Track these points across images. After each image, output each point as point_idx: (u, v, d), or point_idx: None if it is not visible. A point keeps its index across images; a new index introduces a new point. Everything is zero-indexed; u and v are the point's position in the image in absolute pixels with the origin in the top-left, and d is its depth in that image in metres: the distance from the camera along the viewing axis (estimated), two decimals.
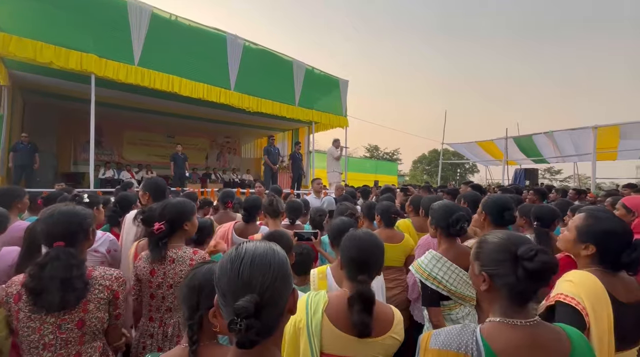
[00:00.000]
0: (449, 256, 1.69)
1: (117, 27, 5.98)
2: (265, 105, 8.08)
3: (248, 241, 0.72)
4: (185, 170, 9.04)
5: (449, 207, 1.75)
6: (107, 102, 8.11)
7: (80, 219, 1.32)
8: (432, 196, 2.72)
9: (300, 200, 3.22)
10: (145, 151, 12.51)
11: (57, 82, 6.80)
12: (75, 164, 10.73)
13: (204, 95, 7.06)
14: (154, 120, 10.76)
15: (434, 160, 34.19)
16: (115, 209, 2.39)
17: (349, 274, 1.21)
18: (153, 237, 1.58)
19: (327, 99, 9.76)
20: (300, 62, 8.84)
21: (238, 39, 7.58)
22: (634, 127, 9.21)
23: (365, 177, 15.75)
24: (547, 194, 4.87)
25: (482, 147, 13.88)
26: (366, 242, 1.24)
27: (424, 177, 36.93)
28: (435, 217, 1.77)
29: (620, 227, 1.31)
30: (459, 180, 34.85)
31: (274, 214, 2.38)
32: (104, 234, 2.03)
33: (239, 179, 12.83)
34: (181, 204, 1.70)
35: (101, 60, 5.76)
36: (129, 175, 10.11)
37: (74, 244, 1.29)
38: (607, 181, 15.12)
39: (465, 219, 1.70)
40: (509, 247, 0.87)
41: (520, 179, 13.06)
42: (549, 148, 12.13)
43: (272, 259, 0.67)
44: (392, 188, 5.33)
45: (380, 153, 38.90)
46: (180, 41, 6.76)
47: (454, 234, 1.71)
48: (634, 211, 1.98)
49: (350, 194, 4.42)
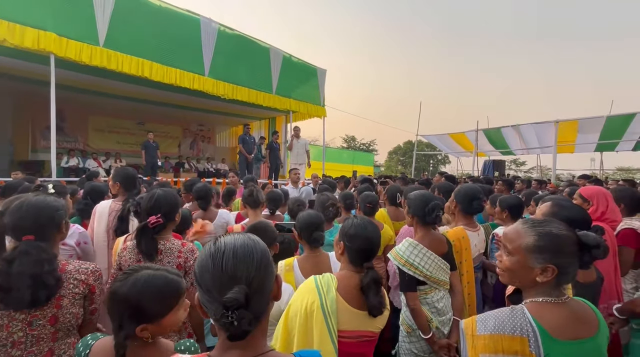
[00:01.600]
0: (425, 243, 1.76)
1: (79, 4, 5.55)
2: (241, 92, 7.88)
3: (226, 233, 0.72)
4: (157, 159, 8.70)
5: (425, 196, 1.82)
6: (70, 85, 7.58)
7: (52, 211, 1.25)
8: (413, 186, 2.80)
9: (279, 190, 3.21)
10: (114, 138, 11.87)
11: (12, 62, 6.25)
12: (34, 151, 9.98)
13: (177, 80, 6.76)
14: (122, 106, 10.19)
15: (409, 152, 35.02)
16: (87, 201, 2.27)
17: (354, 261, 1.29)
18: (147, 231, 1.51)
19: (305, 88, 9.66)
20: (277, 49, 8.66)
21: (212, 22, 7.29)
22: (590, 123, 9.89)
23: (342, 168, 15.88)
24: (514, 185, 5.17)
25: (454, 139, 14.34)
26: (372, 232, 1.31)
27: (398, 168, 37.80)
28: (412, 206, 1.83)
29: (581, 214, 1.45)
30: (431, 170, 36.02)
31: (255, 205, 2.37)
32: (72, 225, 1.92)
33: (214, 168, 12.53)
34: (173, 196, 1.66)
35: (61, 39, 5.34)
36: (95, 164, 9.58)
37: (45, 237, 1.22)
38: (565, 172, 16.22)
39: (440, 208, 1.78)
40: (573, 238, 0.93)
41: (489, 169, 13.67)
42: (515, 140, 12.77)
43: (253, 248, 0.68)
44: (370, 178, 5.45)
45: (357, 144, 39.26)
46: (150, 22, 6.39)
47: (429, 222, 1.79)
48: (589, 200, 2.15)
49: (330, 184, 4.45)
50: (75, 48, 5.47)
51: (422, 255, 1.72)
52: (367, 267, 1.25)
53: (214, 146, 14.61)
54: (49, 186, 1.88)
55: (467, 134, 13.23)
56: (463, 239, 2.04)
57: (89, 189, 2.37)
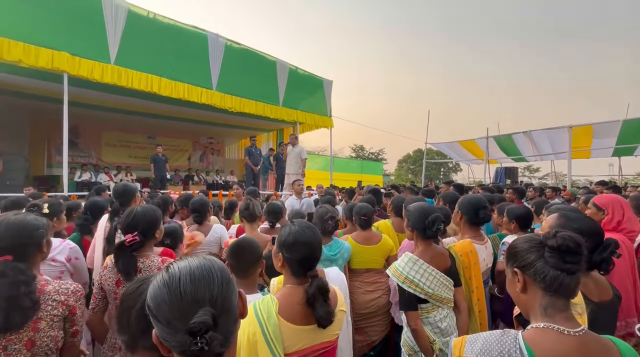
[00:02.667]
0: (426, 258, 1.67)
1: (91, 24, 5.75)
2: (249, 105, 7.97)
3: (179, 259, 0.66)
4: (166, 172, 8.80)
5: (424, 209, 1.73)
6: (83, 102, 7.82)
7: (31, 231, 1.22)
8: (415, 198, 2.70)
9: (279, 202, 3.16)
10: (125, 153, 12.13)
11: (28, 81, 6.50)
12: (49, 166, 10.27)
13: (185, 95, 6.88)
14: (133, 120, 10.44)
15: (419, 160, 34.66)
16: (87, 216, 2.27)
17: (296, 272, 1.20)
18: (123, 249, 1.47)
19: (312, 99, 9.71)
20: (283, 62, 8.77)
21: (219, 37, 7.44)
22: (605, 127, 9.57)
23: (351, 177, 15.81)
24: (525, 192, 4.97)
25: (464, 146, 14.13)
26: (312, 237, 1.22)
27: (408, 177, 37.37)
28: (411, 219, 1.75)
29: (591, 226, 1.33)
30: (442, 179, 35.47)
31: (251, 218, 2.31)
32: (62, 241, 1.91)
33: (223, 180, 12.62)
34: (151, 212, 1.62)
35: (74, 59, 5.52)
36: (107, 178, 9.77)
37: (24, 257, 1.18)
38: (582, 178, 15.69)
39: (441, 220, 1.68)
40: (533, 238, 0.90)
41: (501, 177, 13.38)
42: (527, 147, 12.47)
43: (211, 267, 0.63)
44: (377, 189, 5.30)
45: (365, 153, 39.13)
46: (159, 40, 6.57)
47: (430, 236, 1.69)
48: (603, 208, 2.02)
49: (331, 195, 4.38)
50: (88, 66, 5.65)
51: (423, 271, 1.63)
52: (311, 276, 1.16)
53: (223, 158, 14.76)
54: (44, 205, 1.87)
55: (478, 141, 13.01)
56: (471, 253, 1.93)
57: (88, 204, 2.37)
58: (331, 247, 2.14)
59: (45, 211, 1.84)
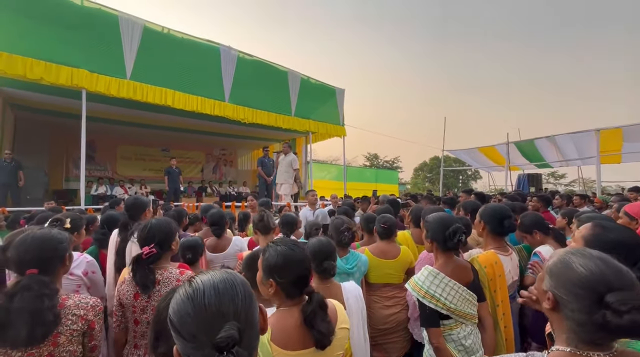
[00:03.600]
0: (447, 271, 1.63)
1: (109, 42, 6.04)
2: (261, 116, 8.12)
3: (201, 272, 0.68)
4: (179, 184, 9.00)
5: (444, 219, 1.70)
6: (100, 117, 8.15)
7: (55, 244, 1.27)
8: (432, 207, 2.66)
9: (293, 213, 3.17)
10: (140, 166, 12.51)
11: (48, 98, 6.84)
12: (67, 180, 10.70)
13: (198, 107, 7.09)
14: (148, 134, 10.79)
15: (436, 168, 34.20)
16: (104, 230, 2.34)
17: (292, 294, 1.13)
18: (141, 262, 1.51)
19: (324, 109, 9.81)
20: (295, 72, 8.92)
21: (232, 50, 7.67)
22: (636, 130, 9.21)
23: (365, 187, 15.72)
24: (551, 200, 4.81)
25: (484, 153, 13.85)
26: (300, 253, 1.16)
27: (425, 185, 36.86)
28: (430, 230, 1.72)
29: (631, 237, 1.23)
30: (461, 187, 34.80)
31: (265, 230, 2.33)
32: (79, 255, 1.97)
33: (236, 191, 12.78)
34: (167, 224, 1.66)
35: (92, 75, 5.79)
36: (122, 191, 10.07)
37: (49, 271, 1.24)
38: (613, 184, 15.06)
39: (462, 231, 1.65)
40: (596, 287, 0.71)
41: (524, 184, 13.00)
42: (551, 152, 12.11)
43: (233, 281, 0.64)
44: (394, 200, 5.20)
45: (380, 161, 38.94)
46: (173, 54, 6.82)
47: (451, 248, 1.66)
48: (637, 218, 1.93)
49: (349, 205, 4.35)
50: (105, 82, 5.91)
51: (444, 285, 1.59)
52: (308, 293, 1.11)
53: (236, 169, 15.00)
54: (66, 219, 1.95)
55: (498, 148, 12.73)
56: (496, 265, 1.87)
57: (104, 218, 2.45)
58: (348, 260, 2.12)
59: (67, 226, 1.91)
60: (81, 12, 5.74)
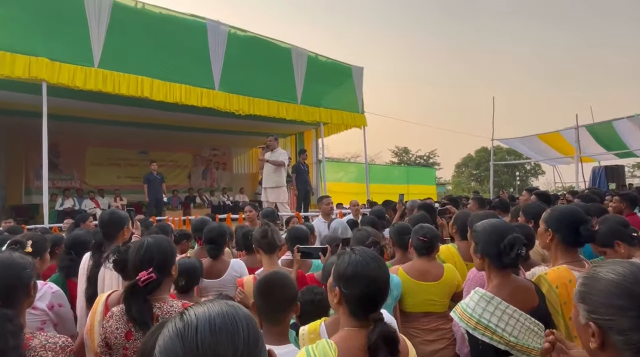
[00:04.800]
0: (503, 294, 1.60)
1: (72, 23, 6.24)
2: (259, 106, 8.20)
3: (196, 303, 0.69)
4: (162, 194, 9.18)
5: (497, 227, 1.67)
6: (64, 115, 8.40)
7: (19, 271, 1.31)
8: (484, 213, 2.62)
9: (304, 226, 3.18)
10: (113, 172, 12.80)
11: (3, 94, 7.10)
12: (27, 193, 11.04)
13: (182, 98, 7.22)
14: (122, 133, 11.05)
15: (484, 163, 33.70)
16: (71, 256, 2.40)
17: (356, 313, 1.21)
18: (137, 291, 1.51)
19: (338, 93, 9.83)
20: (300, 49, 8.98)
21: (221, 25, 7.78)
22: None
23: (393, 189, 15.58)
24: (638, 200, 4.67)
25: (546, 141, 13.63)
26: (376, 269, 1.22)
27: (471, 185, 36.38)
28: (480, 242, 1.69)
29: None
30: (518, 186, 34.21)
31: (270, 249, 2.34)
32: (43, 284, 2.01)
33: (231, 201, 12.93)
34: (166, 243, 1.68)
35: (53, 64, 5.99)
36: (92, 205, 10.35)
37: (12, 303, 1.28)
38: None
39: (522, 242, 1.62)
40: (633, 289, 0.76)
41: (601, 179, 12.75)
42: (636, 137, 11.78)
43: (235, 316, 0.64)
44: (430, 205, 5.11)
45: (411, 157, 38.69)
46: (149, 34, 6.98)
47: (508, 265, 1.63)
48: None
49: (377, 214, 4.32)
50: (68, 72, 6.10)
51: (501, 312, 1.56)
52: (374, 320, 1.16)
53: (231, 173, 15.18)
54: (27, 242, 2.01)
55: (564, 134, 12.52)
56: (570, 284, 1.82)
57: (70, 241, 2.51)
58: None
59: (28, 249, 1.98)
60: None
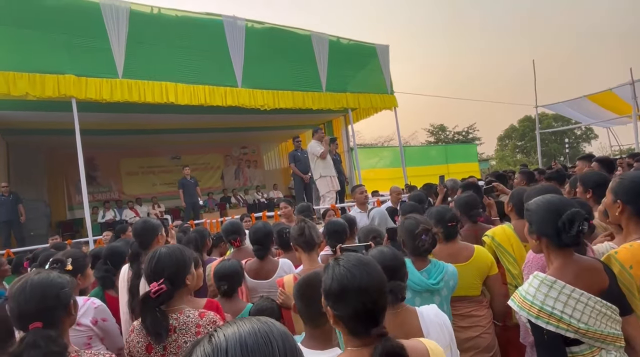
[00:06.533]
0: (567, 277, 1.49)
1: (93, 37, 6.46)
2: (284, 98, 8.20)
3: (225, 324, 0.65)
4: (198, 198, 9.44)
5: (552, 203, 1.57)
6: (96, 129, 8.80)
7: (57, 291, 1.36)
8: (540, 188, 2.46)
9: (342, 218, 3.14)
10: (149, 180, 13.35)
11: (37, 115, 7.54)
12: (70, 209, 11.75)
13: (207, 99, 7.34)
14: (152, 141, 11.47)
15: (529, 132, 32.28)
16: (107, 267, 2.50)
17: (355, 331, 1.13)
18: (149, 302, 1.56)
19: (364, 75, 9.67)
20: (320, 34, 8.86)
21: (237, 20, 7.81)
22: None
23: (433, 171, 15.21)
24: None
25: (597, 101, 12.84)
26: (366, 277, 1.12)
27: (517, 158, 34.99)
28: (535, 221, 1.59)
29: None
30: (570, 154, 32.50)
31: (308, 247, 2.32)
32: (85, 300, 2.08)
33: (266, 198, 13.12)
34: (178, 252, 1.71)
35: (80, 80, 6.24)
36: (132, 214, 10.82)
37: (54, 323, 1.32)
38: None
39: (583, 217, 1.50)
40: None
41: None
42: None
43: (269, 334, 0.62)
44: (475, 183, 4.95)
45: (449, 134, 37.69)
46: (168, 38, 7.13)
47: (569, 244, 1.52)
48: None
49: (417, 199, 4.18)
50: (95, 86, 6.35)
51: (567, 297, 1.46)
52: (378, 334, 1.08)
53: (263, 171, 15.41)
54: (67, 260, 2.10)
55: (617, 91, 11.72)
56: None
57: (106, 252, 2.61)
58: (430, 273, 2.04)
59: (68, 267, 2.06)
60: (58, 6, 6.20)
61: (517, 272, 2.41)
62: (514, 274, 2.45)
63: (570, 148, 34.55)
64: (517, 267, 2.42)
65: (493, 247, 2.55)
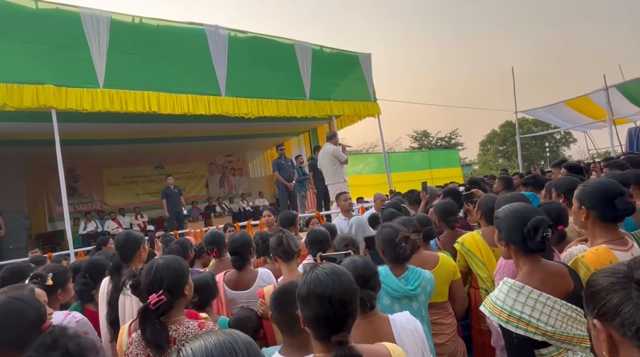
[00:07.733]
0: (534, 281, 1.56)
1: (73, 46, 6.39)
2: (268, 106, 8.22)
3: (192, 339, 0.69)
4: (182, 207, 9.35)
5: (518, 211, 1.63)
6: (77, 139, 8.67)
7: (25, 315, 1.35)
8: (511, 196, 2.53)
9: (323, 227, 3.17)
10: (132, 190, 13.15)
11: (16, 126, 7.40)
12: (51, 221, 11.48)
13: (190, 108, 7.30)
14: (135, 150, 11.34)
15: (510, 137, 32.89)
16: (86, 280, 2.47)
17: (319, 336, 1.19)
18: (149, 314, 1.56)
19: (347, 83, 9.77)
20: (303, 43, 8.94)
21: (220, 29, 7.83)
22: None
23: (417, 176, 15.39)
24: None
25: (573, 106, 13.19)
26: (332, 286, 1.17)
27: (499, 162, 35.59)
28: (503, 229, 1.65)
29: None
30: (550, 158, 33.25)
31: (287, 256, 2.34)
32: (66, 314, 2.06)
33: (251, 206, 13.06)
34: (176, 263, 1.71)
35: (60, 90, 6.15)
36: (114, 225, 10.65)
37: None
38: None
39: (547, 224, 1.57)
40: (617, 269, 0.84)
41: (638, 141, 12.25)
42: None
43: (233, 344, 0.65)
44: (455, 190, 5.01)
45: (432, 140, 38.14)
46: (150, 48, 7.09)
47: (535, 249, 1.58)
48: None
49: (394, 206, 4.25)
50: (75, 96, 6.27)
51: (534, 302, 1.52)
52: (337, 342, 1.12)
53: (248, 178, 15.34)
54: (48, 275, 2.08)
55: (592, 97, 12.06)
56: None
57: (86, 265, 2.58)
58: (408, 279, 2.08)
59: (49, 282, 2.04)
60: (37, 16, 6.13)
61: (486, 276, 2.48)
62: (482, 278, 2.52)
63: (550, 152, 35.32)
64: (486, 271, 2.49)
65: (463, 253, 2.63)
